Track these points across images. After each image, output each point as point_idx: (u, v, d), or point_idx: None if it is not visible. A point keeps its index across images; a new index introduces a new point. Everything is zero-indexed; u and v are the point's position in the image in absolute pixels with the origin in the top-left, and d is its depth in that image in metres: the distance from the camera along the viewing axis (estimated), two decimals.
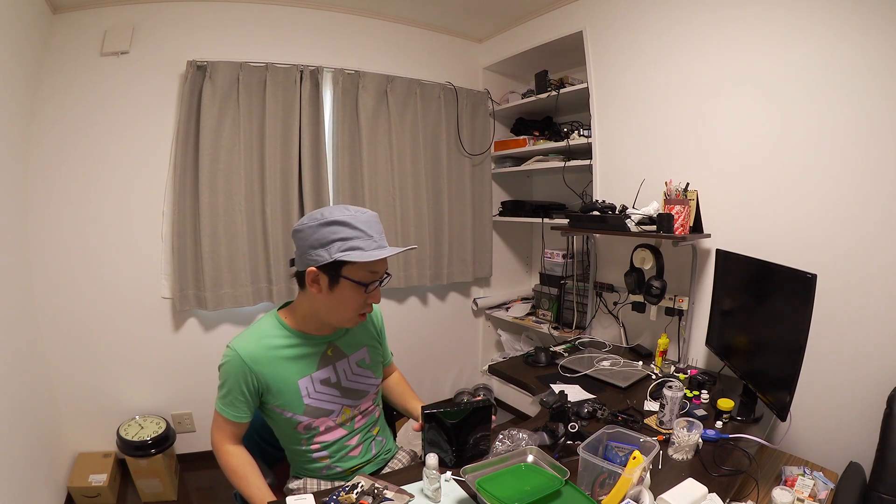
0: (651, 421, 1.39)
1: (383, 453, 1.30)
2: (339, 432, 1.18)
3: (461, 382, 3.09)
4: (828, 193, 1.57)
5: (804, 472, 1.38)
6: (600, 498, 0.95)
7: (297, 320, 1.14)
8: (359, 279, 1.04)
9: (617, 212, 2.01)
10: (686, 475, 1.05)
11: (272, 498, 1.05)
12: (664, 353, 1.89)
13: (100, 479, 1.99)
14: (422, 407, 1.13)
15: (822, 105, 1.55)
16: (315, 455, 1.17)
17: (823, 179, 1.57)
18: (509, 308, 2.99)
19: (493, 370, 2.07)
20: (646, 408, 1.50)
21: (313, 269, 1.03)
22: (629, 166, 2.17)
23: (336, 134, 2.40)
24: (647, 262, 1.95)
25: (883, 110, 1.42)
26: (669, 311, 2.00)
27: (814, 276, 1.18)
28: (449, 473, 1.07)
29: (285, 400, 1.10)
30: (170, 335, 2.27)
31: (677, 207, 1.78)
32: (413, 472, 1.12)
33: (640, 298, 2.08)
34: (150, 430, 2.10)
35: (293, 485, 1.19)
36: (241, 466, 1.10)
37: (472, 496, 1.00)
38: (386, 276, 1.11)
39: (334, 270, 1.03)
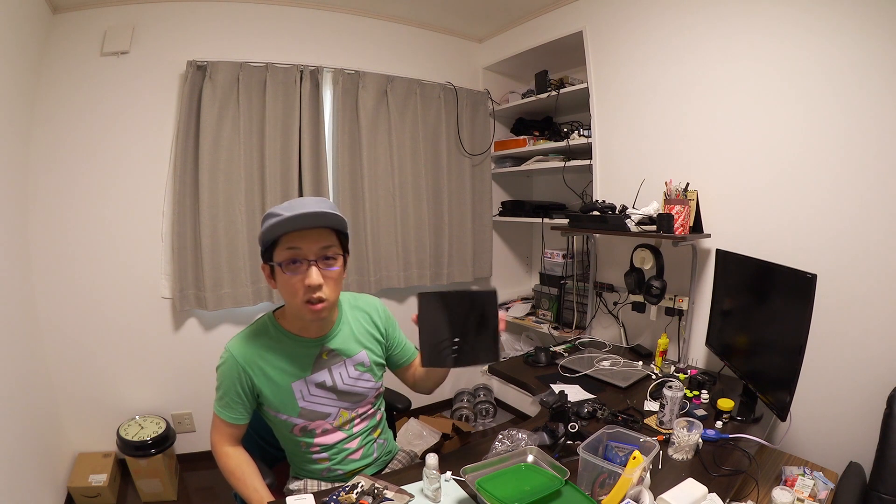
0: (651, 421, 1.39)
1: (384, 455, 1.28)
2: (338, 435, 1.16)
3: (461, 382, 3.09)
4: (828, 193, 1.57)
5: (804, 472, 1.38)
6: (600, 498, 0.95)
7: (287, 321, 1.12)
8: (280, 259, 0.98)
9: (617, 212, 2.01)
10: (686, 475, 1.05)
11: (270, 498, 1.05)
12: (664, 353, 1.89)
13: (100, 479, 1.99)
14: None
15: (823, 105, 1.55)
16: (314, 457, 1.16)
17: (824, 179, 1.57)
18: (509, 308, 2.99)
19: (493, 370, 2.07)
20: (646, 408, 1.50)
21: (263, 265, 1.03)
22: (629, 166, 2.17)
23: (336, 134, 2.40)
24: (647, 262, 1.95)
25: (887, 110, 1.42)
26: (669, 311, 2.00)
27: (814, 276, 1.18)
28: (449, 473, 1.07)
29: (279, 402, 1.09)
30: (170, 335, 2.27)
31: (677, 207, 1.78)
32: (413, 472, 1.12)
33: (640, 298, 2.08)
34: (150, 430, 2.10)
35: (293, 485, 1.18)
36: (239, 468, 1.09)
37: (472, 496, 1.00)
38: (338, 256, 1.02)
39: (269, 258, 1.00)
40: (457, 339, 0.97)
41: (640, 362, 1.91)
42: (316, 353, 1.12)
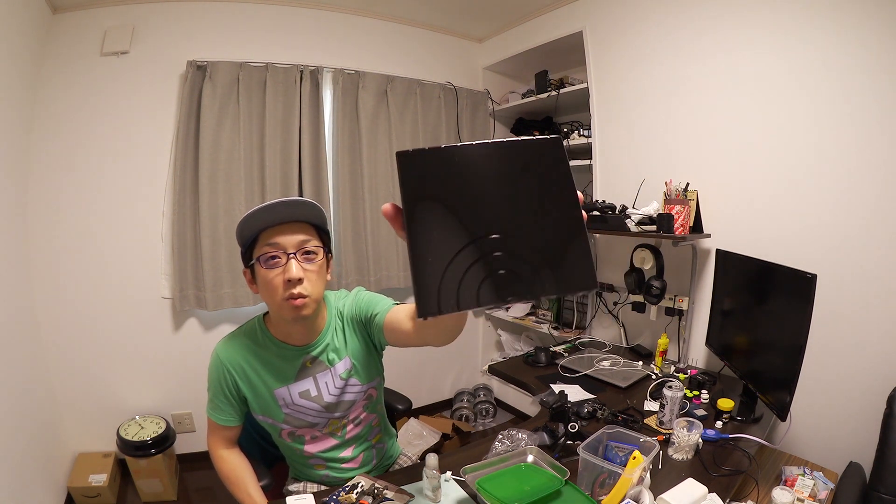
0: (651, 421, 1.39)
1: (385, 460, 1.26)
2: (329, 441, 1.12)
3: (461, 382, 3.09)
4: (828, 192, 1.57)
5: (804, 472, 1.38)
6: (600, 498, 0.95)
7: (273, 326, 1.08)
8: (260, 254, 0.95)
9: (617, 212, 2.01)
10: (686, 475, 1.05)
11: (265, 503, 1.05)
12: (664, 353, 1.89)
13: (100, 479, 1.99)
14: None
15: (824, 105, 1.55)
16: (310, 461, 1.14)
17: (825, 179, 1.57)
18: (509, 308, 2.99)
19: (493, 370, 2.07)
20: (646, 408, 1.50)
21: (244, 269, 1.01)
22: (629, 166, 2.17)
23: (336, 134, 2.40)
24: (647, 262, 1.95)
25: (887, 110, 1.42)
26: (669, 311, 2.00)
27: (814, 276, 1.18)
28: (449, 473, 1.07)
29: (262, 407, 1.07)
30: (170, 335, 2.27)
31: (677, 207, 1.78)
32: (413, 472, 1.12)
33: (640, 298, 2.08)
34: (150, 430, 2.10)
35: (293, 486, 1.18)
36: (234, 472, 1.09)
37: (472, 496, 1.00)
38: (319, 250, 0.98)
39: (249, 258, 0.98)
40: (495, 237, 0.42)
41: (640, 362, 1.91)
42: (300, 361, 1.07)
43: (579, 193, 0.45)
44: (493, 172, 0.43)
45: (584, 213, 0.45)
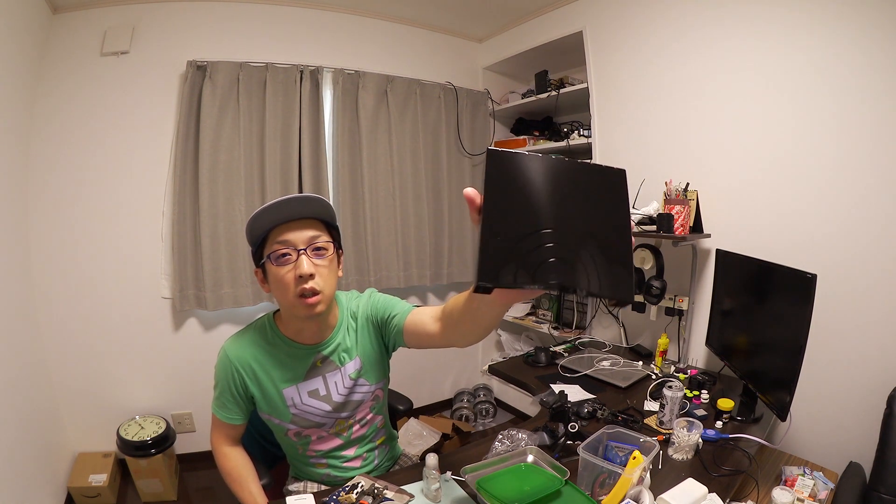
0: (651, 421, 1.39)
1: (386, 461, 1.26)
2: (335, 441, 1.12)
3: (461, 382, 3.09)
4: (829, 193, 1.57)
5: (804, 472, 1.38)
6: (600, 498, 0.95)
7: (284, 325, 1.07)
8: (271, 251, 0.95)
9: None
10: (686, 475, 1.05)
11: (265, 502, 1.05)
12: (664, 353, 1.89)
13: (100, 479, 1.99)
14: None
15: (824, 105, 1.55)
16: (312, 461, 1.14)
17: (825, 179, 1.57)
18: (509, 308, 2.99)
19: (493, 370, 2.07)
20: (646, 408, 1.50)
21: (255, 269, 1.00)
22: (629, 166, 2.11)
23: (336, 134, 2.41)
24: (647, 262, 1.95)
25: (888, 110, 1.42)
26: (669, 311, 2.00)
27: (814, 276, 1.18)
28: (449, 473, 1.07)
29: (270, 407, 1.07)
30: (170, 335, 2.27)
31: (677, 207, 1.78)
32: (413, 472, 1.12)
33: (640, 298, 2.08)
34: (150, 430, 2.10)
35: (293, 486, 1.18)
36: (236, 469, 1.09)
37: (472, 496, 1.00)
38: (329, 246, 0.98)
39: (259, 257, 0.98)
40: (547, 231, 0.48)
41: (640, 362, 1.91)
42: (310, 360, 1.07)
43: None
44: (564, 183, 0.51)
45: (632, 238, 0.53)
